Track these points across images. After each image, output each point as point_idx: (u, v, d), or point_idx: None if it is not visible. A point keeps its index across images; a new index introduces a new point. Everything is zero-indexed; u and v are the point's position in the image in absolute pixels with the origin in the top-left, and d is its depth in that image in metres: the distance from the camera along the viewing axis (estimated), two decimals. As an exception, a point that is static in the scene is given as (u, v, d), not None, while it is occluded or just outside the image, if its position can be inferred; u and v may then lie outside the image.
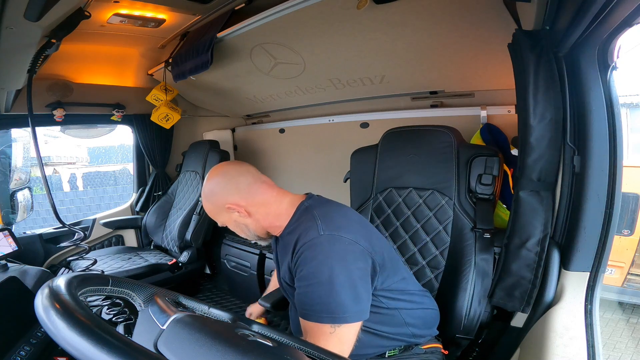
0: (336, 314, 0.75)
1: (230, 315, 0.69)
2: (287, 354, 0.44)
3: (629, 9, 0.67)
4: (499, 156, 1.15)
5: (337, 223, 0.83)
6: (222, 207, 0.90)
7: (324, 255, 0.78)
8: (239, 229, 0.95)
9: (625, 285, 2.85)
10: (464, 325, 1.05)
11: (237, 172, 0.92)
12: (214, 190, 0.91)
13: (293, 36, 1.53)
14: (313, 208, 0.88)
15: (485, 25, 1.17)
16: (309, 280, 0.78)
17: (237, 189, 0.89)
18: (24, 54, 1.28)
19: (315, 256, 0.78)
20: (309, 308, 0.78)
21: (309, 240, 0.80)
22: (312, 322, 0.77)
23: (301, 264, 0.80)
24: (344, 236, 0.80)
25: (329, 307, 0.76)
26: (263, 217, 0.91)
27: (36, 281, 1.26)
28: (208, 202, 0.93)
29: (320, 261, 0.78)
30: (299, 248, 0.81)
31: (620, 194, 0.87)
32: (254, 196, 0.90)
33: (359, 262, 0.80)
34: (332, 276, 0.76)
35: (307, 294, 0.78)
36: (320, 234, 0.80)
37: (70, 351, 0.36)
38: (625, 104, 3.12)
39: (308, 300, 0.78)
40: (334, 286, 0.76)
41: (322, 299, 0.76)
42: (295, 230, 0.86)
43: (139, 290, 0.61)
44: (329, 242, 0.79)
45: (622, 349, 2.47)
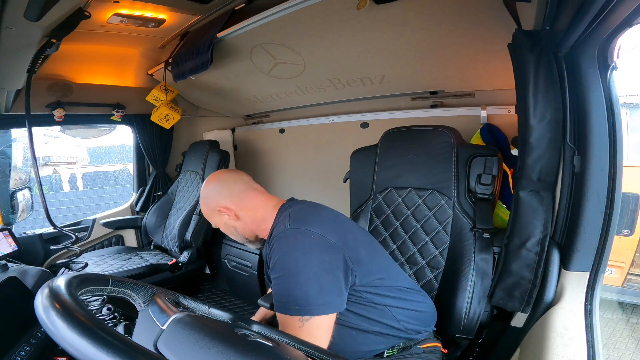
0: (301, 305, 0.78)
1: (230, 315, 0.69)
2: (287, 354, 0.44)
3: (629, 9, 0.66)
4: (498, 156, 1.15)
5: (306, 219, 0.89)
6: (214, 209, 0.98)
7: (289, 247, 0.83)
8: (228, 231, 1.01)
9: (625, 285, 2.85)
10: (463, 325, 1.05)
11: (231, 179, 1.00)
12: (209, 194, 0.99)
13: (293, 36, 1.53)
14: (289, 208, 0.94)
15: (485, 25, 1.17)
16: (277, 272, 0.82)
17: (229, 194, 0.97)
18: (24, 54, 1.28)
19: (281, 248, 0.83)
20: (278, 299, 0.81)
21: (278, 234, 0.86)
22: (282, 315, 0.80)
23: (271, 256, 0.85)
24: (311, 230, 0.84)
25: (294, 298, 0.78)
26: (250, 220, 0.97)
27: (36, 281, 1.26)
28: (204, 204, 1.01)
29: (285, 253, 0.82)
30: (270, 242, 0.87)
31: (620, 194, 0.87)
32: (243, 201, 0.97)
33: (325, 255, 0.82)
34: (297, 268, 0.80)
35: (276, 285, 0.82)
36: (287, 228, 0.86)
37: (70, 351, 0.36)
38: (625, 104, 3.12)
39: (277, 292, 0.82)
40: (298, 278, 0.79)
41: (289, 291, 0.79)
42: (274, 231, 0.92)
43: (139, 290, 0.61)
44: (294, 235, 0.84)
45: (622, 349, 2.47)
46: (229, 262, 2.28)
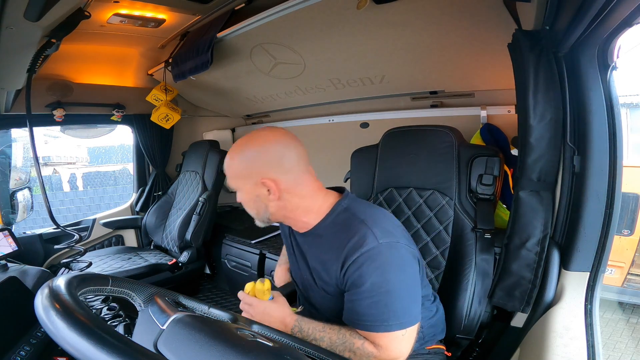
0: (403, 319, 0.76)
1: (230, 315, 0.69)
2: (287, 354, 0.43)
3: (629, 9, 0.66)
4: (500, 156, 1.15)
5: (388, 228, 0.81)
6: (255, 176, 0.82)
7: (387, 264, 0.77)
8: (252, 204, 0.87)
9: (625, 285, 2.85)
10: (464, 326, 1.05)
11: (293, 150, 0.83)
12: (257, 156, 0.82)
13: (293, 36, 1.53)
14: (354, 210, 0.84)
15: (485, 25, 1.16)
16: (375, 291, 0.76)
17: (284, 169, 0.82)
18: (24, 54, 1.28)
19: (378, 266, 0.76)
20: (374, 319, 0.76)
21: (369, 249, 0.77)
22: (381, 333, 0.77)
23: (363, 275, 0.77)
24: (399, 242, 0.79)
25: (396, 314, 0.76)
26: (293, 207, 0.85)
27: (36, 281, 1.26)
28: (244, 162, 0.83)
29: (384, 271, 0.77)
30: (357, 257, 0.77)
31: (620, 194, 0.87)
32: (298, 185, 0.84)
33: (413, 265, 0.81)
34: (396, 284, 0.77)
35: (372, 305, 0.76)
36: (379, 242, 0.77)
37: (70, 351, 0.36)
38: (625, 104, 3.12)
39: (374, 311, 0.77)
40: (399, 293, 0.77)
41: (389, 307, 0.76)
42: (340, 233, 0.82)
43: (139, 290, 0.61)
44: (389, 250, 0.78)
45: (622, 349, 2.47)
46: (229, 262, 2.28)
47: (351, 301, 0.79)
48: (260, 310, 0.86)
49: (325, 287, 0.87)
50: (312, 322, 0.84)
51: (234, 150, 0.85)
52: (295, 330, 0.83)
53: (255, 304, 0.87)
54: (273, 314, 0.85)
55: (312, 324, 0.83)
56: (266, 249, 2.06)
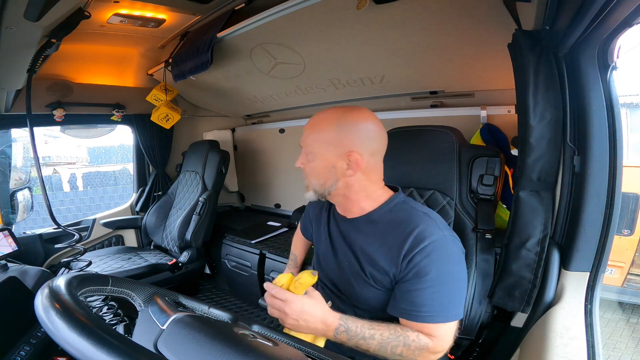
0: (457, 310, 0.80)
1: (230, 315, 0.69)
2: (287, 354, 0.43)
3: (629, 9, 0.66)
4: (501, 157, 1.15)
5: (444, 223, 0.86)
6: (343, 146, 0.82)
7: (451, 255, 0.81)
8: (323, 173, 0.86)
9: (625, 285, 2.85)
10: (464, 326, 1.05)
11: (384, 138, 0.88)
12: (358, 129, 0.82)
13: (293, 36, 1.53)
14: (412, 204, 0.89)
15: (485, 25, 1.16)
16: (438, 281, 0.78)
17: (370, 150, 0.84)
18: (24, 54, 1.28)
19: (443, 257, 0.79)
20: (433, 309, 0.78)
21: (437, 239, 0.79)
22: (438, 324, 0.78)
23: (429, 264, 0.78)
24: (455, 236, 0.85)
25: (454, 305, 0.79)
26: (359, 189, 0.87)
27: (36, 281, 1.26)
28: (338, 129, 0.82)
29: (448, 262, 0.80)
30: (425, 246, 0.78)
31: (620, 194, 0.87)
32: (374, 168, 0.87)
33: (464, 260, 0.86)
34: (456, 276, 0.81)
35: (433, 295, 0.78)
36: (444, 234, 0.81)
37: (70, 351, 0.36)
38: (625, 104, 3.12)
39: (435, 301, 0.78)
40: (457, 285, 0.81)
41: (449, 298, 0.79)
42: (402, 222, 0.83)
43: (139, 290, 0.61)
44: (453, 242, 0.82)
45: (622, 349, 2.47)
46: (229, 262, 2.28)
47: (411, 291, 0.79)
48: (298, 307, 0.74)
49: (378, 275, 0.85)
50: (358, 320, 0.79)
51: (329, 117, 0.84)
52: (341, 329, 0.76)
53: (291, 299, 0.74)
54: (313, 311, 0.75)
55: (359, 322, 0.78)
56: (266, 249, 2.06)
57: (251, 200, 3.10)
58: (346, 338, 0.76)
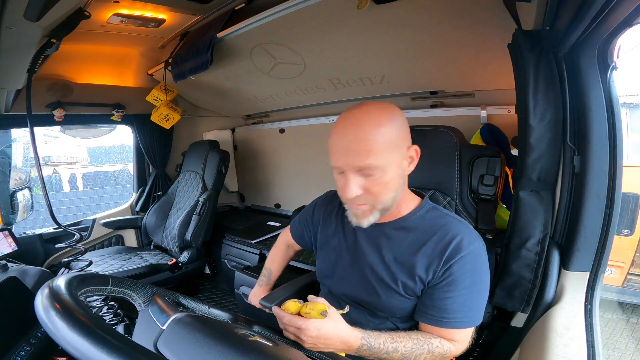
0: (481, 314, 0.81)
1: (230, 315, 0.69)
2: (287, 354, 0.43)
3: (629, 9, 0.66)
4: (501, 157, 1.15)
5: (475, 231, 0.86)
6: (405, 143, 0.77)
7: (484, 264, 0.81)
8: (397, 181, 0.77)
9: (625, 285, 2.85)
10: (464, 326, 1.05)
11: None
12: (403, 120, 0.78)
13: (293, 36, 1.52)
14: (442, 210, 0.87)
15: (485, 25, 1.16)
16: (472, 289, 0.79)
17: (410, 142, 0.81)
18: (24, 54, 1.27)
19: (478, 265, 0.79)
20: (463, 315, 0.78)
21: (475, 249, 0.79)
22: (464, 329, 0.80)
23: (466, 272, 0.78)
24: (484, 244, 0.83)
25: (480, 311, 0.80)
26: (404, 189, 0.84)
27: (36, 281, 1.26)
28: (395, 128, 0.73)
29: (481, 270, 0.80)
30: (464, 255, 0.77)
31: (620, 194, 0.87)
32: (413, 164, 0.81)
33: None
34: (485, 283, 0.81)
35: (466, 301, 0.78)
36: (480, 244, 0.80)
37: (70, 351, 0.36)
38: (625, 104, 3.12)
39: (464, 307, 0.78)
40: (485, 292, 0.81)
41: (478, 304, 0.80)
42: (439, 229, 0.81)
43: (139, 290, 0.61)
44: (485, 251, 0.82)
45: (622, 349, 2.47)
46: (229, 262, 2.28)
47: (444, 299, 0.78)
48: (314, 334, 0.69)
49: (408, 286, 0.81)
50: (379, 335, 0.76)
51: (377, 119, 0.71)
52: (364, 348, 0.74)
53: (305, 326, 0.69)
54: (330, 334, 0.71)
55: (380, 338, 0.76)
56: (266, 249, 2.06)
57: (251, 200, 3.10)
58: (368, 354, 0.75)
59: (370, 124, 0.71)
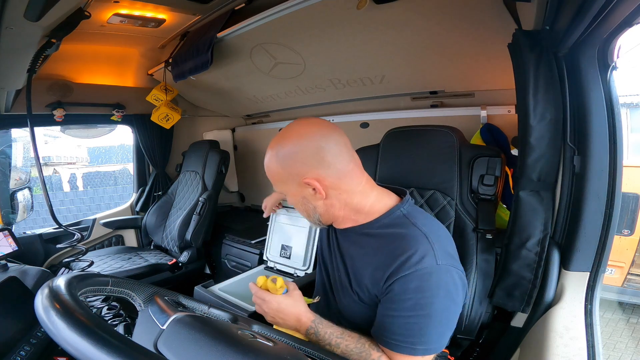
0: (432, 345, 0.72)
1: (230, 315, 0.69)
2: (287, 354, 0.43)
3: (629, 9, 0.66)
4: (502, 157, 1.15)
5: (449, 250, 0.76)
6: (296, 177, 0.75)
7: (438, 288, 0.71)
8: (302, 207, 0.81)
9: (625, 285, 2.85)
10: (465, 326, 1.05)
11: (332, 141, 0.75)
12: (294, 154, 0.74)
13: (293, 36, 1.52)
14: (414, 219, 0.77)
15: (485, 25, 1.16)
16: (414, 312, 0.71)
17: (326, 164, 0.74)
18: (24, 54, 1.28)
19: (427, 288, 0.70)
20: (402, 339, 0.72)
21: (425, 268, 0.70)
22: (403, 354, 0.72)
23: (408, 292, 0.71)
24: (458, 268, 0.74)
25: (428, 340, 0.71)
26: (341, 205, 0.79)
27: (36, 281, 1.26)
28: (279, 164, 0.76)
29: (432, 294, 0.71)
30: (409, 273, 0.71)
31: (620, 194, 0.87)
32: (342, 179, 0.76)
33: (461, 294, 0.76)
34: (439, 310, 0.71)
35: (406, 325, 0.72)
36: (437, 263, 0.71)
37: (70, 351, 0.36)
38: (625, 104, 3.12)
39: (406, 331, 0.72)
40: (438, 320, 0.71)
41: (423, 332, 0.71)
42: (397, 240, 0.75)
43: (139, 290, 0.61)
44: (445, 274, 0.72)
45: (622, 349, 2.47)
46: (229, 262, 2.28)
47: (385, 316, 0.74)
48: (274, 307, 0.79)
49: (361, 293, 0.80)
50: (331, 327, 0.78)
51: (269, 153, 0.78)
52: (311, 331, 0.78)
53: (268, 299, 0.80)
54: (287, 310, 0.79)
55: (330, 329, 0.78)
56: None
57: (251, 200, 3.10)
58: (315, 339, 0.78)
59: (267, 159, 0.79)
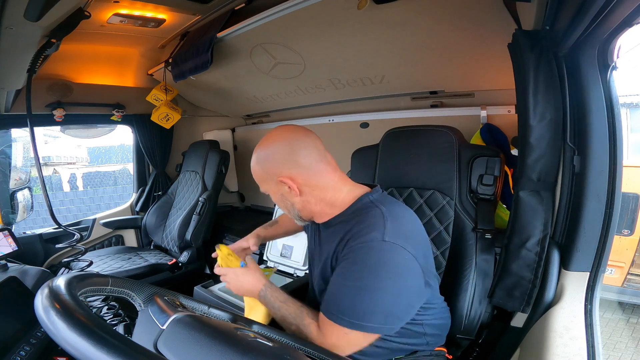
0: (357, 320, 0.72)
1: (230, 315, 0.69)
2: (287, 354, 0.43)
3: (629, 9, 0.66)
4: (501, 157, 1.15)
5: (405, 232, 0.76)
6: (273, 176, 0.83)
7: (379, 262, 0.72)
8: (282, 204, 0.88)
9: (625, 285, 2.85)
10: (464, 326, 1.05)
11: (303, 143, 0.83)
12: (270, 156, 0.83)
13: (293, 36, 1.53)
14: (380, 204, 0.80)
15: (485, 25, 1.16)
16: (349, 280, 0.73)
17: (296, 163, 0.81)
18: (24, 54, 1.28)
19: (367, 260, 0.72)
20: (334, 305, 0.74)
21: (369, 241, 0.73)
22: (328, 320, 0.74)
23: (348, 261, 0.75)
24: (408, 250, 0.73)
25: (355, 312, 0.72)
26: (316, 200, 0.84)
27: (36, 281, 1.26)
28: (259, 165, 0.85)
29: (371, 266, 0.72)
30: (354, 244, 0.74)
31: (620, 194, 0.87)
32: (312, 176, 0.82)
33: (409, 279, 0.75)
34: (375, 286, 0.71)
35: (340, 292, 0.74)
36: (384, 239, 0.72)
37: (70, 351, 0.36)
38: (625, 104, 3.12)
39: (337, 298, 0.74)
40: (371, 296, 0.71)
41: (351, 302, 0.72)
42: (351, 221, 0.80)
43: (139, 290, 0.61)
44: (390, 251, 0.72)
45: (622, 349, 2.47)
46: (229, 262, 2.28)
47: (330, 283, 0.79)
48: (233, 277, 0.91)
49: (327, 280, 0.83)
50: (279, 292, 0.86)
51: (253, 157, 0.86)
52: (261, 294, 0.87)
53: (226, 271, 0.93)
54: (243, 277, 0.90)
55: (277, 293, 0.86)
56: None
57: (251, 200, 3.10)
58: (264, 302, 0.88)
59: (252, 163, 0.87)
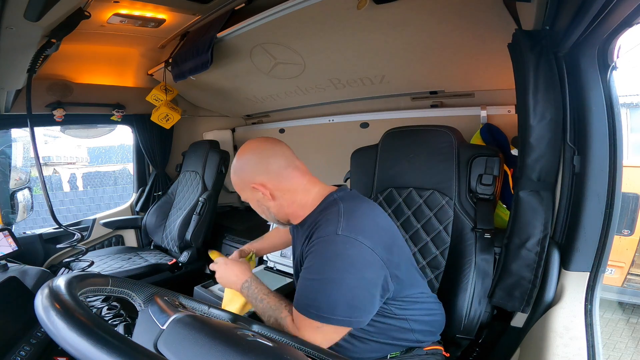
0: (324, 313, 0.76)
1: (230, 315, 0.69)
2: (287, 354, 0.43)
3: (629, 9, 0.67)
4: (500, 156, 1.15)
5: (360, 226, 0.80)
6: (248, 184, 0.89)
7: (334, 255, 0.77)
8: (260, 209, 0.94)
9: (625, 285, 2.85)
10: (464, 326, 1.05)
11: (271, 152, 0.89)
12: (243, 166, 0.90)
13: (293, 36, 1.53)
14: (341, 201, 0.86)
15: (485, 25, 1.17)
16: (312, 274, 0.79)
17: (266, 170, 0.87)
18: (24, 54, 1.28)
19: (324, 254, 0.78)
20: (302, 299, 0.80)
21: (325, 235, 0.79)
22: (299, 313, 0.79)
23: (310, 256, 0.81)
24: (362, 242, 0.77)
25: (319, 305, 0.76)
26: (288, 203, 0.90)
27: (36, 281, 1.26)
28: (236, 175, 0.92)
29: (327, 259, 0.78)
30: (313, 240, 0.81)
31: (620, 194, 0.87)
32: (282, 181, 0.88)
33: (368, 271, 0.78)
34: (334, 278, 0.76)
35: (305, 286, 0.80)
36: (337, 233, 0.77)
37: (70, 351, 0.36)
38: (625, 104, 3.11)
39: (304, 291, 0.80)
40: (332, 288, 0.76)
41: (316, 296, 0.77)
42: (316, 219, 0.85)
43: (139, 290, 0.61)
44: (343, 244, 0.77)
45: (622, 349, 2.47)
46: (229, 262, 2.28)
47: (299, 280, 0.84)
48: (222, 266, 1.01)
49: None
50: (262, 287, 0.92)
51: (232, 167, 0.93)
52: (245, 285, 0.93)
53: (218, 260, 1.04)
54: (232, 266, 0.99)
55: (261, 286, 0.92)
56: (266, 249, 2.06)
57: (251, 200, 3.10)
58: (246, 294, 0.93)
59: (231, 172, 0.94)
